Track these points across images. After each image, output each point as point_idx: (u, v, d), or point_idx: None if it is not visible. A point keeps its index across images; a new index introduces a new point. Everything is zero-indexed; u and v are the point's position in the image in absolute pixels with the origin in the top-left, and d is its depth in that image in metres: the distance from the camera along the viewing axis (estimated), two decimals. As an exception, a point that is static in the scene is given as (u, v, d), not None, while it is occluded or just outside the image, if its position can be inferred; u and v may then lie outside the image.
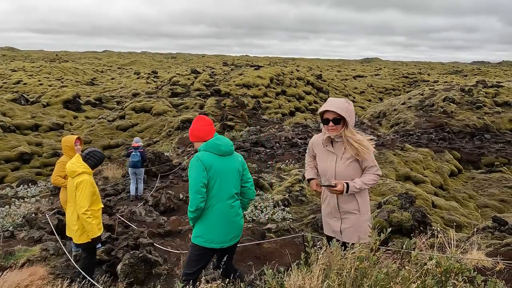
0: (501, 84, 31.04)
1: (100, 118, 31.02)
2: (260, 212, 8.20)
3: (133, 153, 9.76)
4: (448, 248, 4.22)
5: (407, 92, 44.11)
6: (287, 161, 14.10)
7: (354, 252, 2.39)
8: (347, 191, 3.15)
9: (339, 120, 3.19)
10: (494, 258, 4.35)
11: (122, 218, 7.06)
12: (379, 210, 7.52)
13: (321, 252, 2.49)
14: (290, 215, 8.33)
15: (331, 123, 3.20)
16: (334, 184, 3.17)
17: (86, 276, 4.34)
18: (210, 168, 3.23)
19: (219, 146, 3.33)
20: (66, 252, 5.32)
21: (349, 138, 3.20)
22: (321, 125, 3.36)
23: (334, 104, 3.23)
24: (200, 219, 3.35)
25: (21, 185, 11.49)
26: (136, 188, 9.84)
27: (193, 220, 3.39)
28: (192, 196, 3.23)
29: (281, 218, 7.99)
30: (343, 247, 2.85)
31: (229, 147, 3.41)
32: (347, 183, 3.17)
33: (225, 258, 3.35)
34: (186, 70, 43.37)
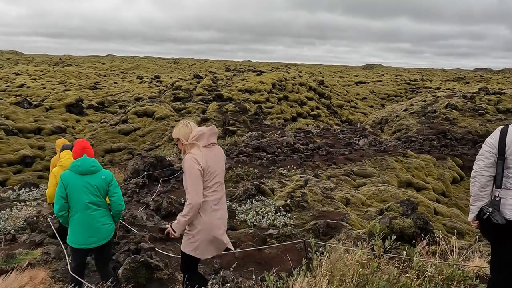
0: (503, 91, 31.01)
1: (102, 122, 31.12)
2: (261, 217, 8.19)
3: None
4: (450, 255, 4.20)
5: (409, 98, 44.11)
6: (288, 166, 14.09)
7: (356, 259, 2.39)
8: (174, 231, 3.57)
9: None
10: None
11: (123, 222, 7.05)
12: (380, 216, 7.50)
13: (325, 259, 2.49)
14: (292, 220, 8.31)
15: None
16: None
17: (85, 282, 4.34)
18: (68, 185, 4.11)
19: (78, 167, 4.17)
20: (67, 256, 5.32)
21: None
22: None
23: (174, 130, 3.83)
24: (69, 224, 4.24)
25: (23, 188, 11.49)
26: None
27: (63, 224, 4.37)
28: (54, 206, 4.20)
29: (282, 224, 7.97)
30: None
31: (88, 168, 4.18)
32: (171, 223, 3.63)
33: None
34: (189, 75, 43.54)
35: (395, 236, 2.58)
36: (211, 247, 3.67)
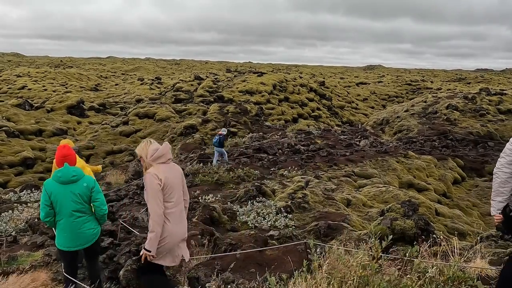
0: (504, 91, 30.99)
1: (103, 124, 31.15)
2: (262, 218, 8.19)
3: (216, 136, 14.70)
4: (451, 256, 4.20)
5: (410, 99, 44.08)
6: (289, 167, 14.09)
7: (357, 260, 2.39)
8: (149, 251, 3.76)
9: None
10: (498, 267, 4.32)
11: (125, 224, 7.06)
12: (382, 217, 7.49)
13: (325, 260, 2.49)
14: (293, 222, 8.31)
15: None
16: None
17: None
18: (51, 194, 4.25)
19: (59, 178, 4.29)
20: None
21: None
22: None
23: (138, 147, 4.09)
24: (56, 228, 4.41)
25: (24, 190, 11.52)
26: (219, 160, 14.58)
27: (51, 227, 4.70)
28: (40, 213, 4.38)
29: (283, 225, 7.97)
30: None
31: (69, 178, 4.30)
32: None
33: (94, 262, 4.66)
34: (190, 77, 43.58)
35: (391, 237, 2.58)
36: (169, 255, 3.94)
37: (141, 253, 3.88)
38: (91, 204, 4.44)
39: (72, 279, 4.37)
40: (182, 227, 4.01)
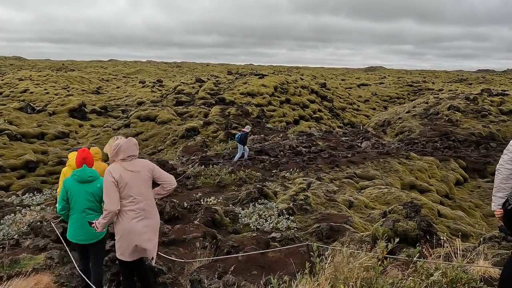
0: (506, 92, 30.92)
1: (105, 127, 31.21)
2: (264, 221, 8.18)
3: (239, 133, 15.60)
4: (454, 257, 4.18)
5: (412, 100, 44.02)
6: (291, 169, 14.08)
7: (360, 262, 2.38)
8: (97, 227, 4.08)
9: None
10: (501, 268, 4.31)
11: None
12: (384, 219, 7.47)
13: (328, 262, 2.48)
14: (295, 224, 8.30)
15: None
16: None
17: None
18: (69, 190, 4.70)
19: (77, 177, 4.70)
20: (74, 261, 5.33)
21: None
22: None
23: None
24: (68, 221, 4.81)
25: (27, 193, 11.54)
26: (241, 158, 15.38)
27: (64, 219, 5.06)
28: (57, 205, 4.86)
29: (285, 227, 7.95)
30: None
31: (86, 178, 4.70)
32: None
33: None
34: (191, 79, 43.63)
35: (398, 239, 2.57)
36: (132, 252, 4.10)
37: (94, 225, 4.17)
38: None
39: (79, 262, 4.71)
40: (144, 225, 4.02)
